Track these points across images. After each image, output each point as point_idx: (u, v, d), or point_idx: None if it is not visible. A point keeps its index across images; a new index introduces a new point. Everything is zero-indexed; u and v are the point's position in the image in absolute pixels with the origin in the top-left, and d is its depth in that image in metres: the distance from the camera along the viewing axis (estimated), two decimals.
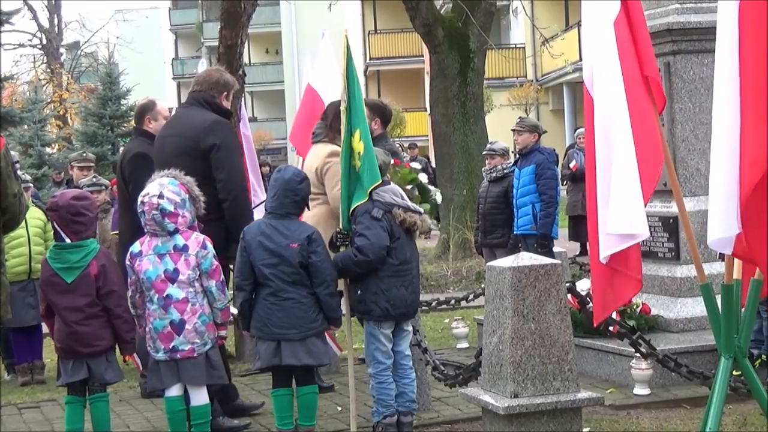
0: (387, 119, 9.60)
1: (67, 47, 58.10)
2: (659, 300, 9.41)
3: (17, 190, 6.55)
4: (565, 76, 39.82)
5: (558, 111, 44.10)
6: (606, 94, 6.22)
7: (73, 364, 7.17)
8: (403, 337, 7.53)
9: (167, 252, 7.09)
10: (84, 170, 12.98)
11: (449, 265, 18.17)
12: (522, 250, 11.02)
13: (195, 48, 68.84)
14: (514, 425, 6.43)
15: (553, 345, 6.52)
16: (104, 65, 38.26)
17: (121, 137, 31.45)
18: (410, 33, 41.60)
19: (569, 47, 34.50)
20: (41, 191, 22.78)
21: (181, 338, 7.04)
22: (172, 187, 7.14)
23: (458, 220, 19.42)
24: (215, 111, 8.18)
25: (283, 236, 7.21)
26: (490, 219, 12.27)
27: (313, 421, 7.41)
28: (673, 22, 9.56)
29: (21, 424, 8.93)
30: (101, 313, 7.13)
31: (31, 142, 31.06)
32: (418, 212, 7.46)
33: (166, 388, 7.14)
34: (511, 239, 12.07)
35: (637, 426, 7.58)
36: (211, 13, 58.85)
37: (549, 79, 43.41)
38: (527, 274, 6.50)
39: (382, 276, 7.34)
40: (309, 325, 7.22)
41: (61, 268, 7.09)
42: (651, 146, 6.14)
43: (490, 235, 12.28)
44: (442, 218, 19.17)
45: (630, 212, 6.07)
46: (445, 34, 20.14)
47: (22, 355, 11.02)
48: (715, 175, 5.60)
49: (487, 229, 12.32)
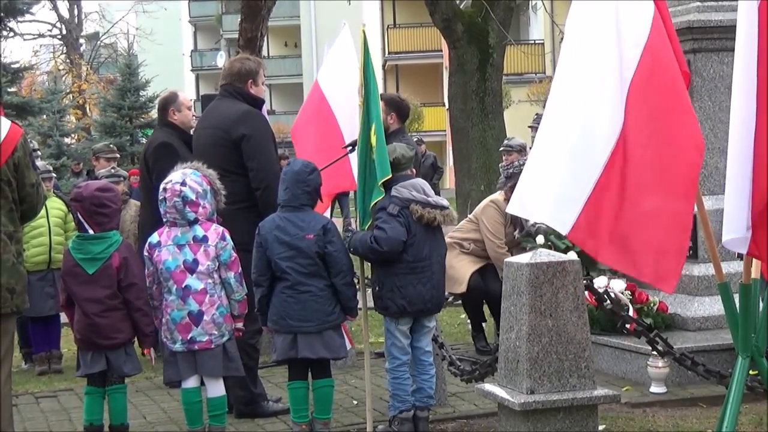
0: (403, 113, 9.59)
1: (86, 38, 58.27)
2: (676, 298, 9.39)
3: (35, 180, 6.58)
4: None
5: None
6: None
7: (92, 355, 7.19)
8: (424, 333, 7.53)
9: (186, 243, 7.11)
10: (110, 161, 13.05)
11: None
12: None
13: (214, 40, 68.90)
14: (530, 421, 6.42)
15: (570, 342, 6.51)
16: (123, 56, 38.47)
17: (139, 128, 31.58)
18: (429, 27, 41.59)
19: None
20: (60, 181, 22.83)
21: (199, 329, 7.06)
22: (195, 177, 7.18)
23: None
24: (246, 100, 8.29)
25: (298, 228, 7.22)
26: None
27: (329, 414, 7.42)
28: (694, 20, 9.54)
29: (38, 412, 8.98)
30: (121, 305, 7.15)
31: (50, 133, 31.18)
32: (439, 207, 7.44)
33: (183, 379, 7.16)
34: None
35: (653, 424, 7.57)
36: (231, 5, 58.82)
37: None
38: (545, 271, 6.49)
39: (397, 273, 7.34)
40: (326, 318, 7.23)
41: (83, 258, 7.12)
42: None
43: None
44: (460, 213, 19.16)
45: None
46: (464, 29, 20.13)
47: (39, 345, 11.08)
48: (730, 174, 5.58)
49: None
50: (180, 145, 8.68)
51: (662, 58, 5.84)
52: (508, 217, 10.12)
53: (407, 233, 7.30)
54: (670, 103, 5.79)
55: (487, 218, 10.24)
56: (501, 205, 10.15)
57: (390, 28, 53.88)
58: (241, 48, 16.51)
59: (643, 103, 5.76)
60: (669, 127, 5.77)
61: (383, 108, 8.89)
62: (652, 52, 5.82)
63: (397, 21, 54.08)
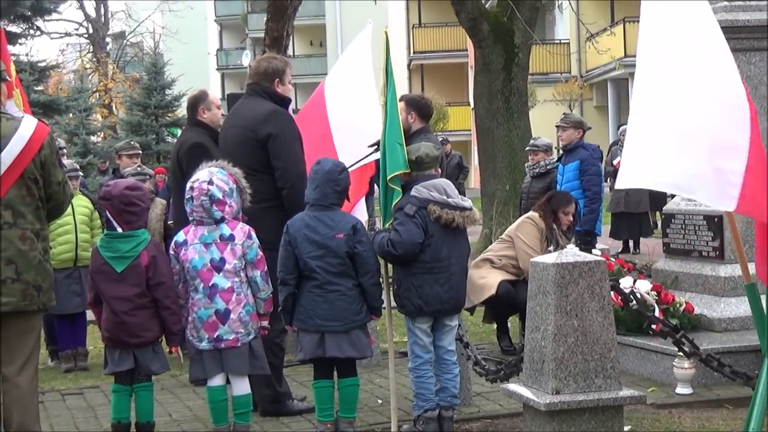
0: (424, 112, 9.57)
1: (112, 37, 58.50)
2: (703, 299, 9.36)
3: (62, 178, 6.61)
4: (609, 72, 39.65)
5: (602, 107, 43.92)
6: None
7: (119, 353, 7.22)
8: (446, 332, 7.52)
9: (213, 241, 7.12)
10: (132, 158, 13.10)
11: None
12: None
13: (240, 39, 69.11)
14: (555, 422, 6.42)
15: (596, 342, 6.50)
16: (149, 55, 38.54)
17: (165, 127, 31.66)
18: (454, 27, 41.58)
19: (615, 43, 34.31)
20: (86, 179, 22.95)
21: (226, 328, 7.07)
22: (221, 176, 7.19)
23: (501, 215, 19.37)
24: (273, 99, 8.30)
25: (328, 227, 7.23)
26: None
27: (354, 413, 7.42)
28: (722, 20, 9.43)
29: (64, 410, 9.01)
30: (149, 304, 7.16)
31: (76, 131, 31.33)
32: (460, 208, 7.43)
33: (209, 377, 7.18)
34: None
35: (679, 425, 7.55)
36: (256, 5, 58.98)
37: (593, 75, 43.27)
38: (571, 271, 6.49)
39: (414, 272, 7.34)
40: (353, 318, 7.23)
41: (112, 257, 7.14)
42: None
43: None
44: (485, 213, 19.17)
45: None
46: (490, 29, 20.09)
47: (65, 342, 11.12)
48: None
49: None
50: (211, 144, 8.70)
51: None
52: (544, 233, 10.14)
53: (424, 234, 7.29)
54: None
55: (523, 233, 10.25)
56: (537, 222, 10.20)
57: (415, 27, 53.89)
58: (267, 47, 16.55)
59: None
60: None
61: (403, 107, 8.91)
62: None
63: (423, 20, 54.07)
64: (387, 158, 7.48)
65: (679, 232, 9.79)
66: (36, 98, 29.74)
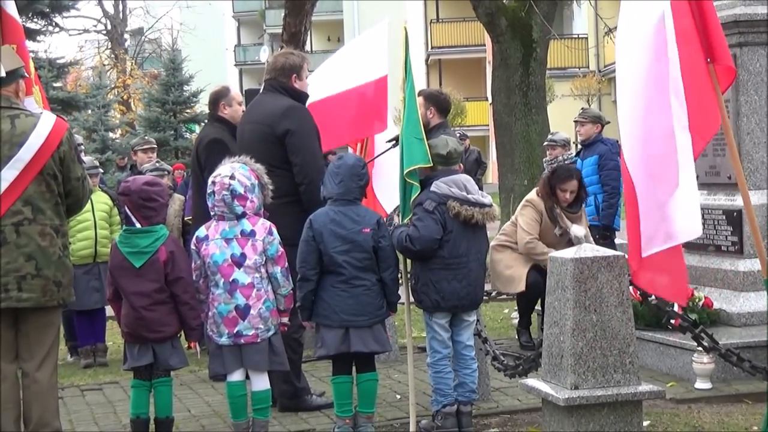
0: (443, 107, 9.58)
1: (131, 33, 58.65)
2: (722, 294, 9.33)
3: (80, 173, 6.64)
4: None
5: None
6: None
7: (139, 348, 7.23)
8: (464, 327, 7.51)
9: (234, 237, 7.13)
10: (148, 152, 13.13)
11: None
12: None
13: (257, 35, 69.16)
14: (574, 417, 6.42)
15: (615, 337, 6.49)
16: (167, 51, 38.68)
17: (183, 123, 31.71)
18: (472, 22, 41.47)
19: None
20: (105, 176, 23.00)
21: (246, 323, 7.08)
22: (243, 171, 7.20)
23: None
24: (291, 95, 8.31)
25: (354, 222, 7.22)
26: None
27: (373, 408, 7.42)
28: (741, 14, 9.46)
29: (83, 405, 9.04)
30: (168, 299, 7.18)
31: (94, 127, 31.38)
32: (480, 204, 7.41)
33: (229, 373, 7.18)
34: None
35: (698, 420, 7.53)
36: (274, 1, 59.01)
37: (612, 70, 43.09)
38: (589, 266, 6.48)
39: (432, 268, 7.34)
40: (377, 312, 7.24)
41: (131, 252, 7.15)
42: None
43: None
44: (503, 208, 19.14)
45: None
46: (508, 24, 20.07)
47: (85, 338, 11.17)
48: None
49: None
50: (231, 140, 8.70)
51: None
52: (543, 215, 10.01)
53: (443, 230, 7.29)
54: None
55: (521, 216, 10.15)
56: (536, 203, 10.07)
57: (433, 22, 53.83)
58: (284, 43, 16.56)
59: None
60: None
61: (422, 103, 8.92)
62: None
63: (440, 15, 54.01)
64: (404, 153, 7.48)
65: None
66: (55, 95, 29.83)
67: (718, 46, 6.43)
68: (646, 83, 6.42)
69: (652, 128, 6.38)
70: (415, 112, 7.56)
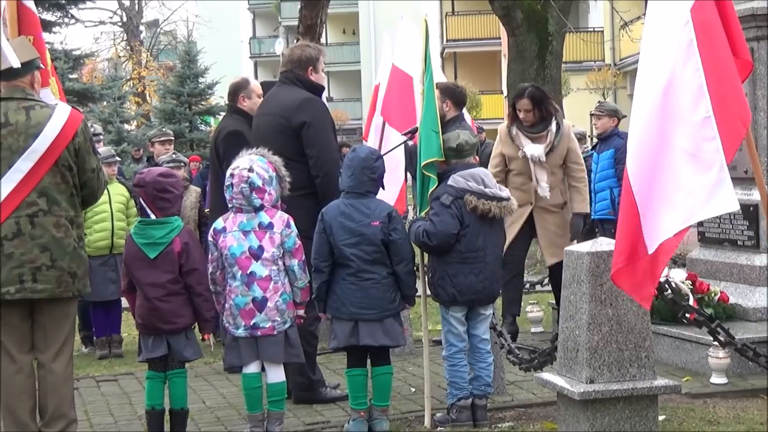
0: (459, 100, 9.58)
1: (146, 25, 58.74)
2: (738, 288, 9.31)
3: (96, 165, 6.64)
4: None
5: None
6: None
7: (153, 340, 7.24)
8: (480, 321, 7.51)
9: (252, 229, 7.12)
10: (165, 144, 13.13)
11: None
12: (599, 235, 10.96)
13: (273, 27, 69.14)
14: (589, 411, 6.40)
15: (630, 331, 6.47)
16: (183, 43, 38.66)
17: (198, 115, 31.74)
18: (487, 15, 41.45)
19: None
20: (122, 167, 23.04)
21: (263, 316, 7.07)
22: (262, 164, 7.19)
23: None
24: (307, 87, 8.31)
25: (363, 215, 7.21)
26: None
27: (387, 401, 7.42)
28: (758, 7, 9.42)
29: (99, 396, 9.07)
30: (183, 290, 7.18)
31: (110, 119, 31.44)
32: (497, 198, 7.40)
33: (245, 364, 7.18)
34: (587, 224, 11.98)
35: (714, 415, 7.51)
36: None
37: (627, 63, 43.02)
38: (605, 260, 6.46)
39: (449, 261, 7.33)
40: (387, 306, 7.22)
41: (145, 243, 7.16)
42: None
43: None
44: None
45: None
46: (523, 17, 20.04)
47: (100, 329, 11.19)
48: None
49: None
50: (249, 132, 8.69)
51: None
52: (507, 140, 9.97)
53: (460, 224, 7.28)
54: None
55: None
56: (501, 130, 10.05)
57: (448, 15, 53.77)
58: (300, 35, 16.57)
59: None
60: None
61: (438, 95, 8.91)
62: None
63: (456, 9, 53.95)
64: (422, 146, 7.47)
65: (714, 221, 9.74)
66: (70, 86, 29.87)
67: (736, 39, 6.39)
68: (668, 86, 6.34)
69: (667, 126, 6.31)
70: (434, 105, 7.55)
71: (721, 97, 5.87)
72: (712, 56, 5.99)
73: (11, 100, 6.46)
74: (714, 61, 5.98)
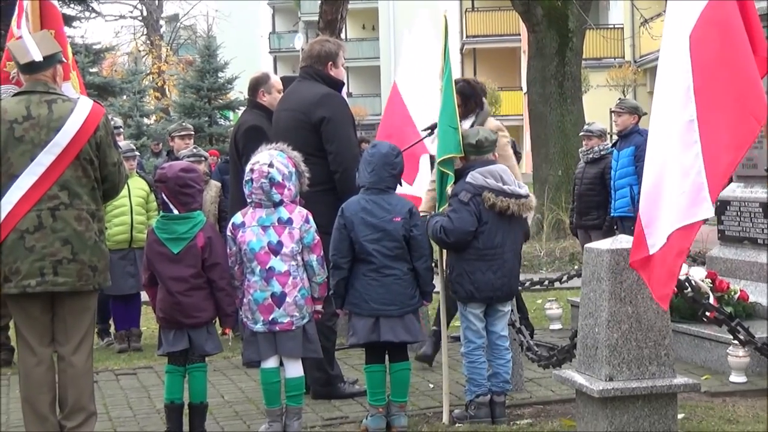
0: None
1: (166, 19, 58.88)
2: (758, 287, 9.28)
3: (117, 159, 6.66)
4: None
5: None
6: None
7: (174, 334, 7.25)
8: (499, 317, 7.50)
9: (271, 224, 7.12)
10: (185, 139, 13.14)
11: (543, 245, 18.09)
12: (618, 232, 10.94)
13: (292, 22, 69.20)
14: (608, 409, 6.39)
15: (650, 329, 6.46)
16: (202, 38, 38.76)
17: (218, 109, 31.81)
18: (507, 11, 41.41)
19: None
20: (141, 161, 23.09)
21: (281, 311, 7.08)
22: (281, 159, 7.19)
23: (552, 200, 19.33)
24: (326, 82, 8.31)
25: (385, 211, 7.21)
26: (585, 200, 12.20)
27: (406, 397, 7.42)
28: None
29: (118, 389, 9.09)
30: (205, 284, 7.18)
31: (130, 113, 31.56)
32: (516, 195, 7.38)
33: (263, 359, 7.19)
34: (607, 221, 11.98)
35: (733, 414, 7.49)
36: None
37: (647, 60, 42.89)
38: (625, 257, 6.44)
39: (467, 258, 7.33)
40: (408, 302, 7.22)
41: (168, 238, 7.16)
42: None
43: (585, 217, 12.21)
44: (536, 198, 19.11)
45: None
46: (544, 14, 20.02)
47: (120, 323, 11.22)
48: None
49: (582, 211, 12.26)
50: (269, 127, 8.69)
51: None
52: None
53: (478, 221, 7.27)
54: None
55: None
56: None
57: (468, 11, 53.72)
58: (320, 30, 16.57)
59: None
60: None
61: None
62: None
63: (476, 5, 53.89)
64: (440, 142, 7.47)
65: (734, 219, 9.71)
66: (91, 80, 29.98)
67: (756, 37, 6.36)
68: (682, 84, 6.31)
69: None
70: (452, 101, 7.54)
71: (717, 98, 5.85)
72: (712, 57, 5.96)
73: (33, 94, 6.49)
74: (715, 62, 5.95)
